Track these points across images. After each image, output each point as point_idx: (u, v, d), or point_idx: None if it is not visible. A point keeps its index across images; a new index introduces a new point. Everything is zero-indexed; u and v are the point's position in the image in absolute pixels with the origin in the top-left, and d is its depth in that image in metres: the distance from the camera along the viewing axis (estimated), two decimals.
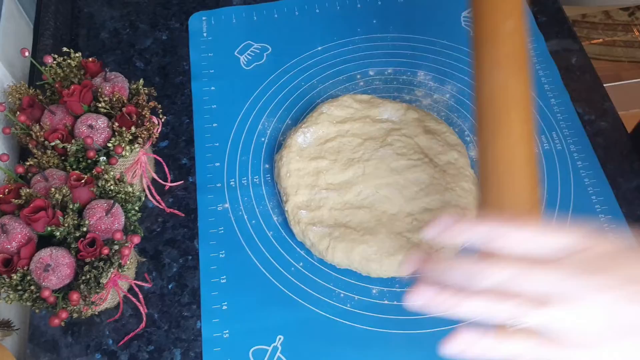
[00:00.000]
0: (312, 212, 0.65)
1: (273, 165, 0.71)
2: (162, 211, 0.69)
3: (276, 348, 0.60)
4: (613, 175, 0.69)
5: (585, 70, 0.78)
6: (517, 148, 0.48)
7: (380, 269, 0.62)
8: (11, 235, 0.55)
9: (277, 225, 0.67)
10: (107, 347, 0.61)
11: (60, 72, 0.66)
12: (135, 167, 0.66)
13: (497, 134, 0.49)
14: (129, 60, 0.81)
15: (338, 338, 0.60)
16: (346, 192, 0.67)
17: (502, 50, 0.51)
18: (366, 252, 0.62)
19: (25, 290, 0.54)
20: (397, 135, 0.70)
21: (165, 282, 0.64)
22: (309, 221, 0.65)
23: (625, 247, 0.39)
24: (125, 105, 0.63)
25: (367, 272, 0.63)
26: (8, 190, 0.58)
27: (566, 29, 0.82)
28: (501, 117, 0.49)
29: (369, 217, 0.65)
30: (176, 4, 0.87)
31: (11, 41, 0.75)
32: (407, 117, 0.72)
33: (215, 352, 0.60)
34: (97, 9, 0.87)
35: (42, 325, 0.62)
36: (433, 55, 0.80)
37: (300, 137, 0.70)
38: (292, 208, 0.66)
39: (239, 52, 0.82)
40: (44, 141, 0.61)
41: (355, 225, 0.64)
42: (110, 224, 0.56)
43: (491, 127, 0.49)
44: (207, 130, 0.74)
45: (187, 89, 0.78)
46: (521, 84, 0.50)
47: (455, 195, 0.66)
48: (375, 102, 0.74)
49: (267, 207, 0.69)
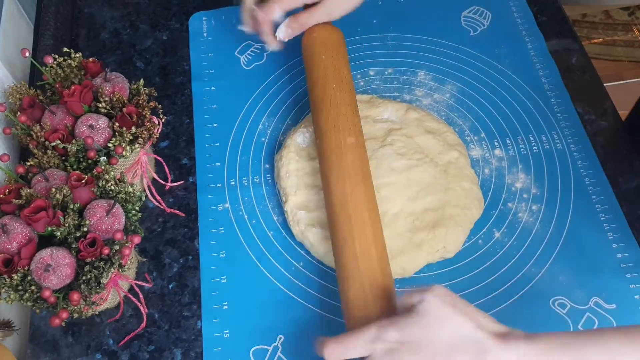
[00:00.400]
0: (311, 213, 0.65)
1: (273, 165, 0.71)
2: (163, 211, 0.69)
3: (277, 348, 0.60)
4: (613, 175, 0.69)
5: (586, 70, 0.78)
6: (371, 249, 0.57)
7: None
8: (12, 236, 0.55)
9: (277, 225, 0.67)
10: (108, 347, 0.61)
11: (61, 73, 0.66)
12: (135, 167, 0.66)
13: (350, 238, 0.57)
14: (129, 61, 0.81)
15: None
16: None
17: (345, 161, 0.61)
18: None
19: (26, 291, 0.54)
20: (397, 135, 0.70)
21: (166, 282, 0.64)
22: (309, 222, 0.65)
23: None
24: (126, 106, 0.63)
25: None
26: (9, 191, 0.58)
27: (566, 29, 0.82)
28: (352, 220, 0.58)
29: None
30: (176, 4, 0.87)
31: (11, 41, 0.75)
32: (407, 117, 0.72)
33: (216, 352, 0.60)
34: (97, 10, 0.87)
35: (42, 326, 0.62)
36: (433, 55, 0.80)
37: (300, 137, 0.70)
38: (291, 208, 0.66)
39: (239, 52, 0.82)
40: (45, 141, 0.61)
41: None
42: (110, 224, 0.56)
43: (343, 232, 0.58)
44: (207, 130, 0.74)
45: (188, 89, 0.78)
46: (368, 190, 0.60)
47: (456, 194, 0.66)
48: (375, 102, 0.74)
49: (268, 207, 0.69)
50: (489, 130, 0.74)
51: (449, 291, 0.49)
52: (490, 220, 0.67)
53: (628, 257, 0.63)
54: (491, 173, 0.71)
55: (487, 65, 0.79)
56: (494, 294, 0.62)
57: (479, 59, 0.79)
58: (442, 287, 0.50)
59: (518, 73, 0.78)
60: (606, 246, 0.64)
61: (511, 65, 0.79)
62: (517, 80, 0.77)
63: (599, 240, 0.65)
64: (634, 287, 0.62)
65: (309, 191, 0.67)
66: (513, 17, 0.83)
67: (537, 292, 0.62)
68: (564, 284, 0.62)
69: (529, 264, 0.63)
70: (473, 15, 0.83)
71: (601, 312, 0.60)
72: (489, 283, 0.62)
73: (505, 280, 0.63)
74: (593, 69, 0.78)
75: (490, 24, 0.82)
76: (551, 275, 0.63)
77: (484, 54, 0.80)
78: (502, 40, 0.81)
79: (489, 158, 0.72)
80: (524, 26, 0.82)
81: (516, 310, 0.61)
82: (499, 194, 0.69)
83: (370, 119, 0.72)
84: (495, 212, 0.68)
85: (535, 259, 0.64)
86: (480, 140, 0.73)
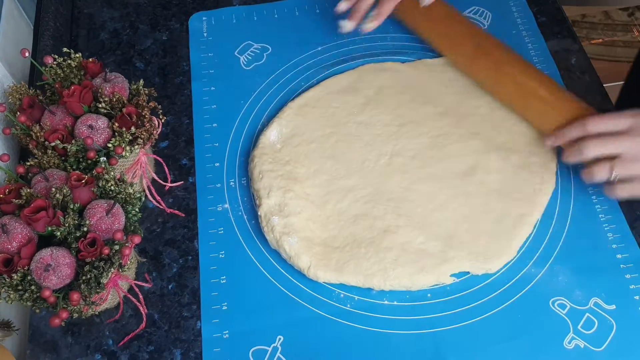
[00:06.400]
0: (286, 219, 0.64)
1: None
2: (162, 211, 0.69)
3: (276, 348, 0.60)
4: None
5: (585, 71, 0.78)
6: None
7: (384, 283, 0.62)
8: (12, 235, 0.55)
9: None
10: (107, 347, 0.61)
11: (61, 73, 0.66)
12: (135, 168, 0.66)
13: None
14: (129, 61, 0.81)
15: (338, 338, 0.60)
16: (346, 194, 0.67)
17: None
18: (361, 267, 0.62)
19: (26, 290, 0.54)
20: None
21: (166, 283, 0.64)
22: (284, 229, 0.64)
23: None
24: (125, 106, 0.63)
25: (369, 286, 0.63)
26: (9, 191, 0.58)
27: (566, 29, 0.82)
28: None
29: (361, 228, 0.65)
30: (176, 5, 0.87)
31: (11, 42, 0.75)
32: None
33: (215, 352, 0.60)
34: (97, 10, 0.87)
35: (42, 326, 0.62)
36: (435, 54, 0.80)
37: (274, 133, 0.71)
38: (265, 213, 0.65)
39: (239, 52, 0.82)
40: (44, 141, 0.61)
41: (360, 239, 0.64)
42: (110, 224, 0.56)
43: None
44: (207, 131, 0.74)
45: (187, 89, 0.78)
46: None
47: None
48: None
49: None
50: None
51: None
52: None
53: (628, 257, 0.63)
54: None
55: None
56: (493, 294, 0.62)
57: None
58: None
59: None
60: (606, 246, 0.64)
61: None
62: None
63: (599, 241, 0.65)
64: (634, 287, 0.62)
65: (285, 194, 0.66)
66: (513, 17, 0.83)
67: (537, 292, 0.62)
68: (564, 284, 0.62)
69: (529, 264, 0.63)
70: (473, 15, 0.83)
71: (601, 313, 0.60)
72: (489, 283, 0.62)
73: (505, 280, 0.63)
74: (592, 70, 0.78)
75: (490, 24, 0.82)
76: (551, 276, 0.63)
77: None
78: (503, 41, 0.81)
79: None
80: (524, 26, 0.82)
81: (516, 310, 0.61)
82: None
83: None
84: None
85: (535, 259, 0.64)
86: None
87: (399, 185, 0.67)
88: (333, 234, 0.64)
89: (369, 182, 0.68)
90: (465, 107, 0.73)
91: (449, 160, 0.69)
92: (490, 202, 0.66)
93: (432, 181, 0.68)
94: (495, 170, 0.68)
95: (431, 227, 0.64)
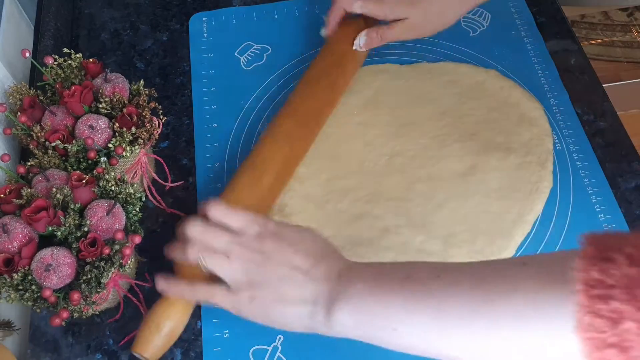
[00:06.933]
0: (285, 219, 0.65)
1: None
2: (163, 211, 0.69)
3: (276, 348, 0.60)
4: (612, 175, 0.69)
5: (584, 71, 0.78)
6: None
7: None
8: (12, 235, 0.55)
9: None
10: (108, 347, 0.61)
11: (61, 73, 0.66)
12: (135, 168, 0.66)
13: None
14: (129, 61, 0.82)
15: (338, 338, 0.60)
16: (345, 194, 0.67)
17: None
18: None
19: (26, 290, 0.54)
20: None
21: None
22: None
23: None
24: (126, 106, 0.64)
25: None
26: (9, 191, 0.58)
27: (565, 30, 0.82)
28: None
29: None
30: (176, 5, 0.88)
31: (12, 42, 0.76)
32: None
33: (216, 352, 0.60)
34: (97, 10, 0.87)
35: (42, 326, 0.62)
36: (432, 55, 0.80)
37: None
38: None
39: (239, 52, 0.82)
40: (45, 142, 0.61)
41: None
42: (111, 224, 0.56)
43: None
44: (207, 131, 0.75)
45: (188, 89, 0.78)
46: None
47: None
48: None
49: None
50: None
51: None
52: None
53: None
54: None
55: (486, 66, 0.79)
56: None
57: (478, 60, 0.79)
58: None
59: (517, 74, 0.78)
60: None
61: (510, 65, 0.79)
62: (517, 81, 0.77)
63: None
64: None
65: (285, 194, 0.67)
66: (512, 17, 0.83)
67: None
68: None
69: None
70: (472, 15, 0.83)
71: None
72: None
73: None
74: (592, 70, 0.78)
75: (489, 24, 0.82)
76: None
77: (484, 55, 0.80)
78: (502, 41, 0.81)
79: None
80: (523, 27, 0.82)
81: None
82: None
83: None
84: None
85: None
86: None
87: (399, 185, 0.68)
88: (333, 233, 0.64)
89: (369, 182, 0.68)
90: (463, 108, 0.73)
91: (448, 160, 0.69)
92: (489, 201, 0.66)
93: (432, 181, 0.68)
94: (493, 169, 0.68)
95: (431, 227, 0.64)
